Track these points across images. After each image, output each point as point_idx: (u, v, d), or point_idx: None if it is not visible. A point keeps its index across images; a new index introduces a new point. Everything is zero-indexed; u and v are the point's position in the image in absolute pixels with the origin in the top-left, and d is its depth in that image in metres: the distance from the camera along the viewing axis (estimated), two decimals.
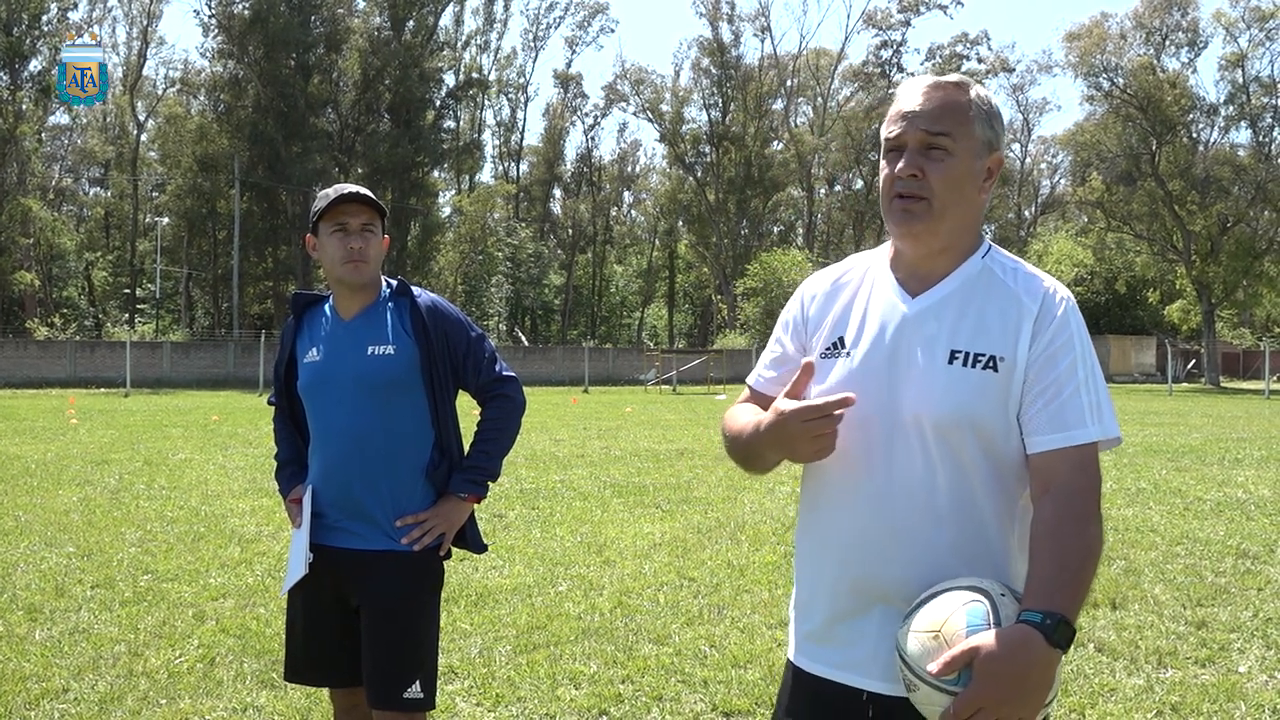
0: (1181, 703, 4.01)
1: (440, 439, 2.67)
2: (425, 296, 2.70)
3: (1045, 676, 1.44)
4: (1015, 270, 1.67)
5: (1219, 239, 46.52)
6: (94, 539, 7.19)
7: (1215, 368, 47.19)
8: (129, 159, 54.91)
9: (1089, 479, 1.57)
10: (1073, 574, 1.50)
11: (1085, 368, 1.59)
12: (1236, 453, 13.86)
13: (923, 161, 1.61)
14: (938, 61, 62.17)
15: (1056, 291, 1.64)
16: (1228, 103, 49.13)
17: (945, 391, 1.59)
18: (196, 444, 14.29)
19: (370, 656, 2.57)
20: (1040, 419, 1.58)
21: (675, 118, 64.20)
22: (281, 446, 2.87)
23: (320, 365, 2.67)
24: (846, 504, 1.67)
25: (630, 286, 76.05)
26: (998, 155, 1.68)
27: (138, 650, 4.59)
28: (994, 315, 1.62)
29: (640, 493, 9.68)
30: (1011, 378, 1.59)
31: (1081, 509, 1.54)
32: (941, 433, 1.59)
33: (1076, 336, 1.61)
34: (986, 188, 1.68)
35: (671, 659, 4.52)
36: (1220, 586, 5.92)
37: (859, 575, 1.65)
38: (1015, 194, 70.13)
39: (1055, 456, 1.57)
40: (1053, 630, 1.43)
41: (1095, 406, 1.58)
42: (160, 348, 40.38)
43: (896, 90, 1.72)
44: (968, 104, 1.63)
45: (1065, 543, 1.52)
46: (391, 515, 2.60)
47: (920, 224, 1.63)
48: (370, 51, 51.44)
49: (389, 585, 2.58)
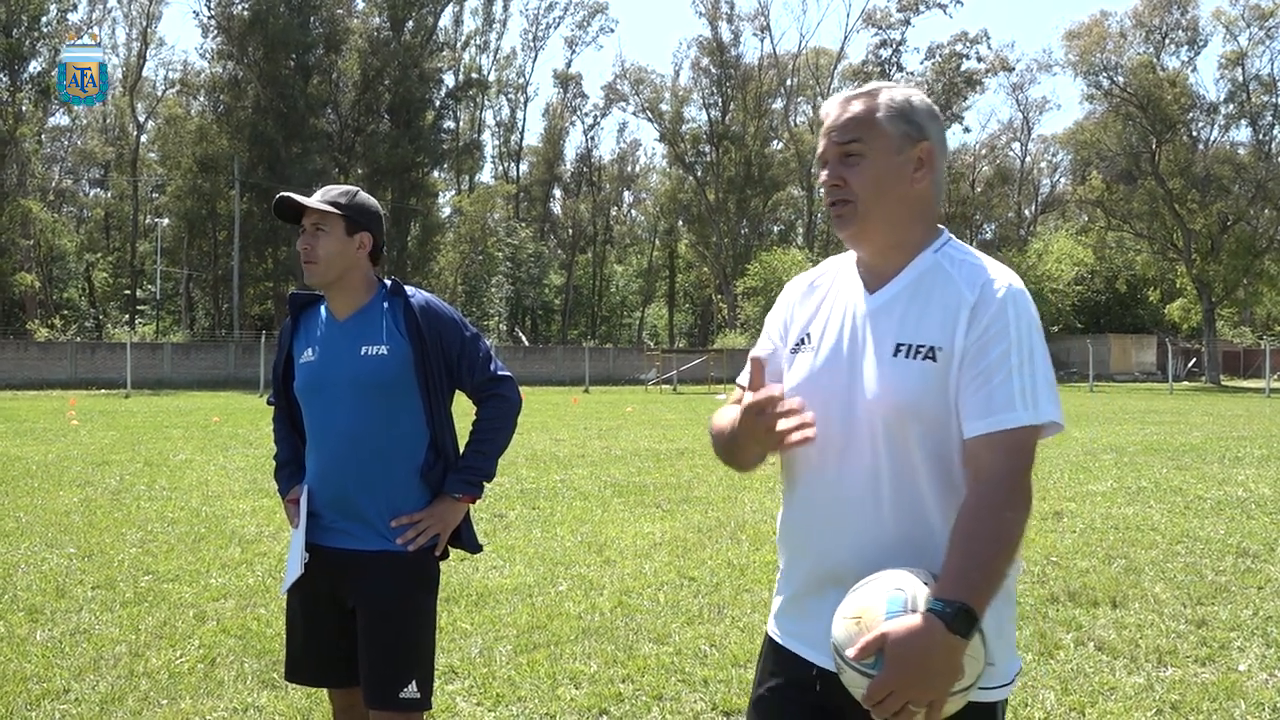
0: (1181, 701, 4.01)
1: (436, 439, 2.66)
2: (419, 296, 2.68)
3: (948, 662, 1.48)
4: (963, 262, 1.71)
5: (1219, 237, 46.53)
6: (95, 540, 7.20)
7: (1216, 366, 47.19)
8: (129, 160, 54.91)
9: (1013, 464, 1.58)
10: (980, 562, 1.52)
11: (1020, 354, 1.60)
12: (1237, 451, 13.86)
13: (843, 169, 1.72)
14: (937, 60, 62.17)
15: (995, 280, 1.66)
16: (1228, 101, 49.18)
17: (889, 383, 1.65)
18: (197, 445, 14.30)
19: (366, 657, 2.57)
20: (970, 405, 1.61)
21: (675, 117, 64.20)
22: (281, 447, 2.87)
23: (315, 366, 2.66)
24: (807, 490, 1.77)
25: (630, 286, 76.05)
26: (926, 144, 1.72)
27: (139, 651, 4.60)
28: (937, 307, 1.67)
29: (641, 492, 9.69)
30: (949, 367, 1.63)
31: (1001, 496, 1.56)
32: (888, 423, 1.65)
33: (1013, 324, 1.62)
34: (919, 178, 1.72)
35: (672, 658, 4.52)
36: (1220, 585, 5.92)
37: (815, 557, 1.75)
38: (1015, 193, 70.11)
39: (982, 442, 1.60)
40: (952, 618, 1.47)
41: (1027, 392, 1.59)
42: (161, 349, 40.38)
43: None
44: (874, 108, 1.72)
45: (977, 530, 1.54)
46: (386, 516, 2.60)
47: (852, 225, 1.73)
48: (370, 52, 51.46)
49: (384, 586, 2.58)
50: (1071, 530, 7.70)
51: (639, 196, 77.05)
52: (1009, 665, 1.71)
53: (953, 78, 61.80)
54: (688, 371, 42.30)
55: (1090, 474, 11.24)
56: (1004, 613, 1.68)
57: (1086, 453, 13.60)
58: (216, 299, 53.96)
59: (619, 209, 77.09)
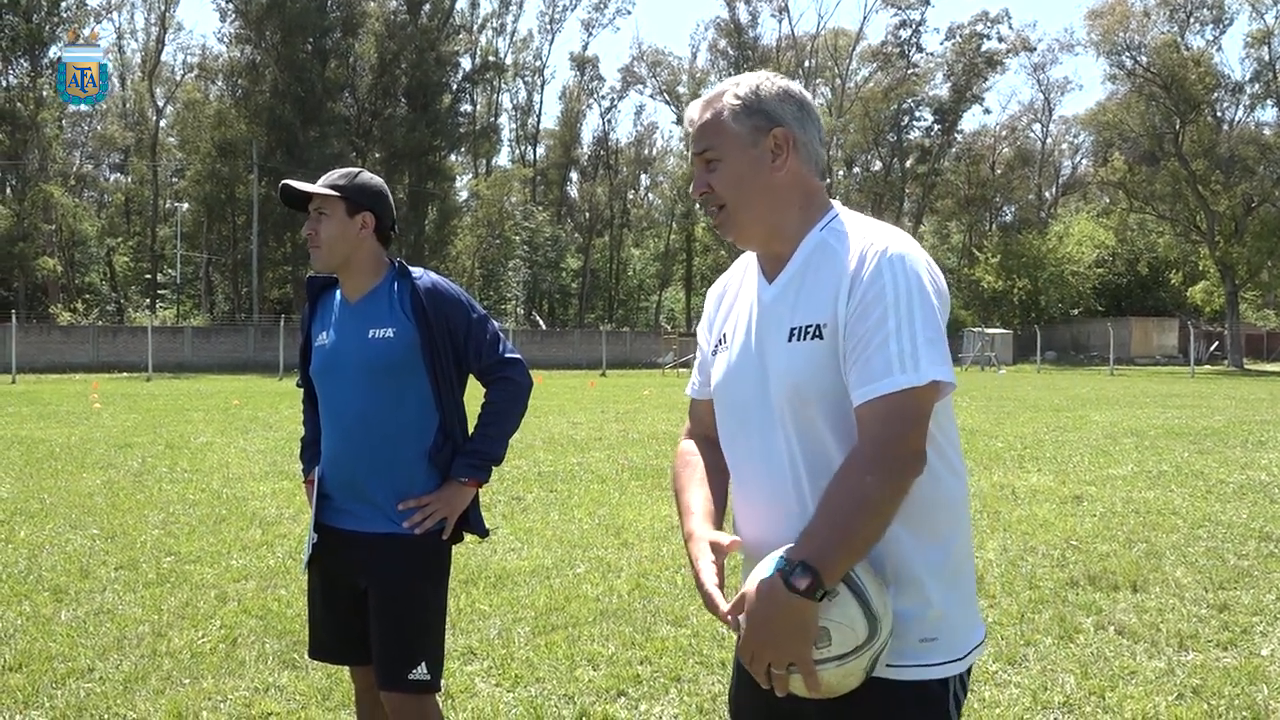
0: (1203, 685, 3.98)
1: (444, 422, 2.65)
2: (425, 278, 2.67)
3: (792, 621, 1.46)
4: (846, 234, 1.67)
5: (1243, 219, 45.97)
6: (118, 521, 7.27)
7: (1239, 349, 46.72)
8: (148, 145, 55.19)
9: (892, 429, 1.52)
10: (832, 523, 1.50)
11: (898, 315, 1.54)
12: (1260, 435, 13.73)
13: (707, 176, 1.73)
14: (957, 40, 61.55)
15: (874, 244, 1.61)
16: (1253, 81, 48.48)
17: (786, 369, 1.65)
18: (218, 428, 14.41)
19: (376, 638, 2.59)
20: (853, 375, 1.58)
21: (692, 100, 63.89)
22: (307, 428, 2.91)
23: (328, 349, 2.68)
24: (739, 483, 1.79)
25: (647, 270, 75.91)
26: (780, 130, 1.70)
27: (161, 631, 4.65)
28: (822, 284, 1.65)
29: (658, 475, 9.69)
30: (836, 340, 1.60)
31: (865, 460, 1.52)
32: (794, 408, 1.64)
33: (890, 285, 1.56)
34: (780, 164, 1.70)
35: (689, 640, 4.53)
36: (1243, 569, 5.88)
37: (748, 543, 1.76)
38: (1036, 174, 69.46)
39: (865, 410, 1.55)
40: (789, 575, 1.46)
41: (906, 354, 1.53)
42: (182, 332, 40.71)
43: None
44: (720, 110, 1.72)
45: (835, 492, 1.53)
46: (394, 499, 2.60)
47: (731, 228, 1.74)
48: (387, 35, 51.41)
49: (392, 568, 2.59)
50: (1091, 514, 7.65)
51: (656, 179, 76.77)
52: (958, 641, 1.64)
53: (973, 58, 61.17)
54: None
55: (1110, 458, 11.17)
56: (950, 587, 1.64)
57: (1107, 436, 13.50)
58: (236, 283, 54.26)
59: (636, 192, 76.85)
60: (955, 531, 1.68)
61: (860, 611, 1.50)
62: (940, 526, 1.65)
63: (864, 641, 1.50)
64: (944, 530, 1.65)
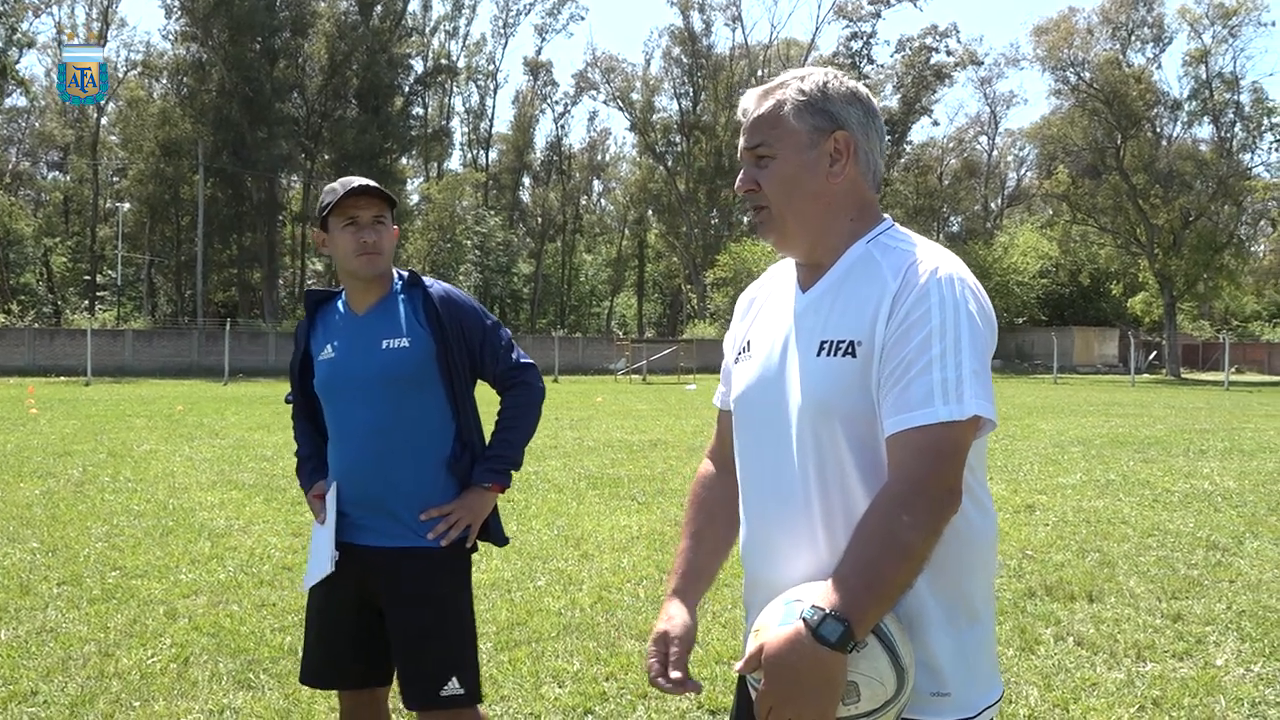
0: (1163, 697, 4.04)
1: (461, 430, 2.63)
2: (437, 286, 2.66)
3: (819, 675, 1.35)
4: (893, 249, 1.57)
5: (1181, 232, 47.25)
6: (59, 534, 7.03)
7: (1176, 359, 48.02)
8: (89, 143, 53.89)
9: (927, 465, 1.41)
10: (863, 568, 1.38)
11: (944, 341, 1.44)
12: (1200, 444, 14.07)
13: (755, 173, 1.62)
14: (907, 53, 62.52)
15: (922, 263, 1.51)
16: (1191, 98, 49.94)
17: (811, 384, 1.55)
18: (161, 435, 14.05)
19: (401, 658, 2.54)
20: (888, 401, 1.47)
21: (646, 107, 64.06)
22: (301, 443, 2.84)
23: (335, 362, 2.63)
24: (748, 503, 1.70)
25: (600, 275, 75.86)
26: (842, 133, 1.59)
27: (108, 650, 4.48)
28: (860, 299, 1.54)
29: (615, 484, 9.64)
30: (870, 361, 1.50)
31: (900, 499, 1.41)
32: (815, 427, 1.54)
33: (937, 309, 1.46)
34: (837, 171, 1.59)
35: None
36: (1193, 579, 5.99)
37: (752, 570, 1.68)
38: (982, 186, 70.73)
39: (897, 441, 1.45)
40: (817, 627, 1.35)
41: (950, 384, 1.42)
42: (122, 336, 39.73)
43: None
44: (779, 104, 1.60)
45: (867, 534, 1.42)
46: (415, 510, 2.56)
47: (771, 231, 1.63)
48: (337, 36, 50.81)
49: (417, 583, 2.54)
50: (1044, 523, 7.76)
51: (609, 186, 76.86)
52: (974, 696, 1.53)
53: (922, 71, 62.17)
54: (657, 361, 42.30)
55: (1060, 466, 11.36)
56: (967, 637, 1.52)
57: (1055, 445, 13.74)
58: (180, 285, 53.19)
59: (589, 198, 76.85)
60: (979, 574, 1.57)
61: (889, 664, 1.40)
62: (963, 569, 1.53)
63: (893, 696, 1.41)
64: (966, 573, 1.54)
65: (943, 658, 1.50)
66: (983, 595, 1.58)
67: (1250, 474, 10.80)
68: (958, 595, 1.53)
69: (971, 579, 1.55)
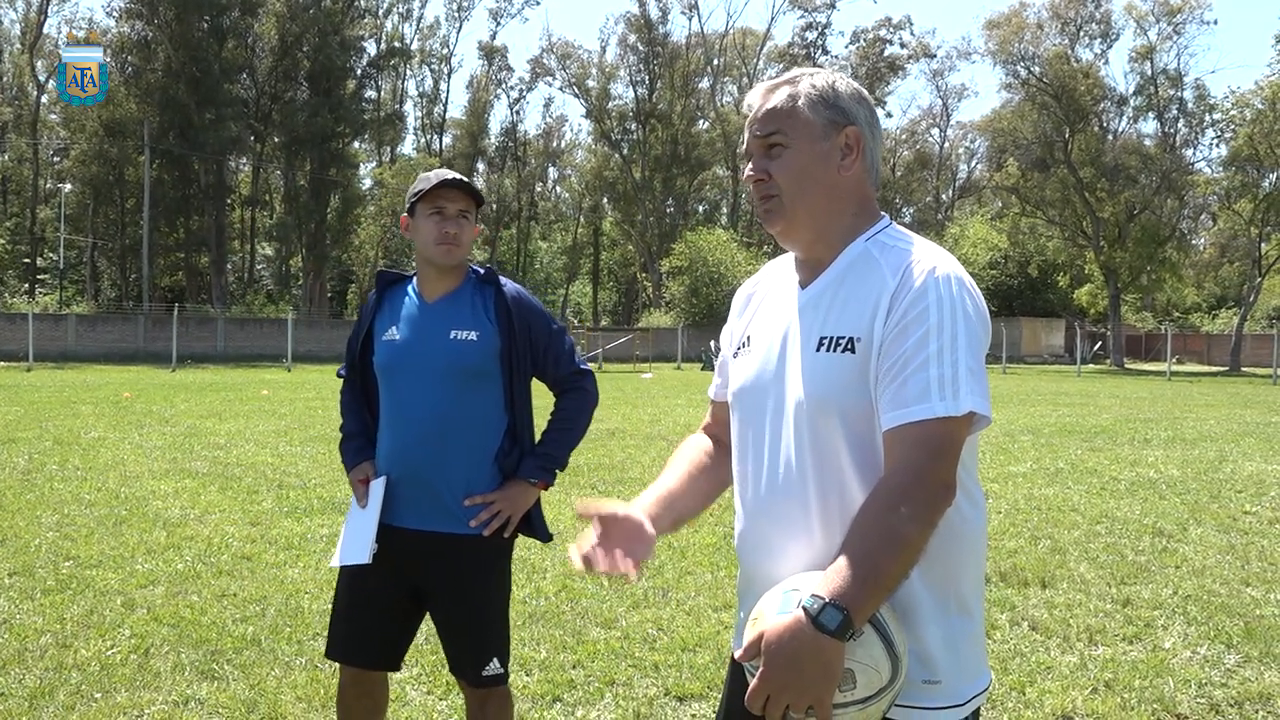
0: (1115, 679, 4.17)
1: (513, 426, 2.72)
2: (511, 286, 2.74)
3: (819, 663, 1.37)
4: (892, 248, 1.61)
5: (1126, 225, 48.31)
6: (7, 524, 6.88)
7: (1120, 349, 49.13)
8: (28, 122, 52.35)
9: (923, 460, 1.45)
10: (861, 559, 1.41)
11: (941, 339, 1.48)
12: (1145, 433, 14.45)
13: (766, 162, 1.66)
14: (861, 45, 63.04)
15: (920, 262, 1.55)
16: (1137, 94, 51.01)
17: (810, 379, 1.58)
18: (109, 422, 13.76)
19: (447, 639, 2.72)
20: (886, 397, 1.51)
21: (601, 94, 63.82)
22: (348, 419, 2.88)
23: (400, 345, 2.69)
24: (743, 497, 1.72)
25: (555, 263, 75.62)
26: (852, 129, 1.64)
27: (66, 641, 4.41)
28: (860, 296, 1.58)
29: (574, 473, 9.65)
30: (868, 358, 1.54)
31: (898, 491, 1.44)
32: (813, 421, 1.58)
33: (934, 307, 1.50)
34: (847, 165, 1.64)
35: (621, 643, 4.52)
36: (1141, 565, 6.17)
37: (749, 563, 1.70)
38: (934, 178, 71.68)
39: (894, 436, 1.49)
40: (817, 615, 1.38)
41: (946, 381, 1.46)
42: (65, 320, 38.77)
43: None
44: (794, 96, 1.65)
45: (864, 526, 1.45)
46: (460, 498, 2.64)
47: (780, 220, 1.66)
48: (288, 16, 49.85)
49: (459, 569, 2.64)
50: (997, 511, 7.93)
51: (564, 173, 76.48)
52: (963, 684, 1.57)
53: (876, 62, 62.75)
54: (613, 350, 42.31)
55: (1010, 455, 11.60)
56: (957, 626, 1.56)
57: (1005, 434, 14.02)
58: (124, 269, 51.97)
59: (544, 185, 76.43)
60: (969, 565, 1.60)
61: (885, 652, 1.43)
62: (953, 560, 1.57)
63: (887, 683, 1.44)
64: (956, 564, 1.58)
65: (934, 646, 1.54)
66: (972, 586, 1.62)
67: (1192, 462, 11.12)
68: (949, 586, 1.57)
69: (962, 570, 1.59)
